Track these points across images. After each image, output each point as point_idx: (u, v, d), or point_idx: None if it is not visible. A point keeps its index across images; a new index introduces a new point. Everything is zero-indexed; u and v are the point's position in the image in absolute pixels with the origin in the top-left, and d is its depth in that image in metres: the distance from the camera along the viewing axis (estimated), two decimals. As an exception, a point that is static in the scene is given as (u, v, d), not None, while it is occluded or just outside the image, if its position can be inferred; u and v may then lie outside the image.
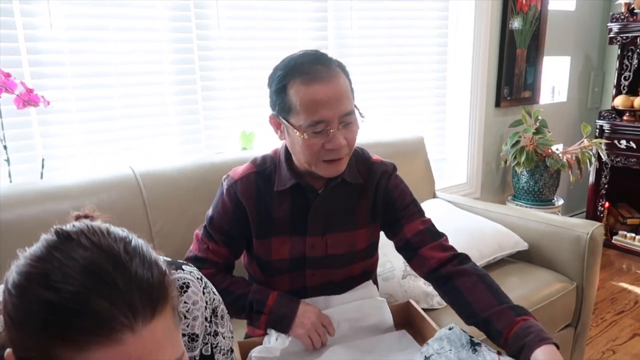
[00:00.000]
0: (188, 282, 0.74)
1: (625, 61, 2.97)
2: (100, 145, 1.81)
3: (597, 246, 1.60)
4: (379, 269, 1.38)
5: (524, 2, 2.67)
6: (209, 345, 0.77)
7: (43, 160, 1.52)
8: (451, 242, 1.11)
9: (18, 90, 1.44)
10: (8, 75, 1.42)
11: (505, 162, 2.75)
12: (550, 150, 2.61)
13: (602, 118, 2.99)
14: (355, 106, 1.02)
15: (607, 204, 3.10)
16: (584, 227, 1.61)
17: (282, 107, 0.99)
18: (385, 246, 1.25)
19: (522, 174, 2.68)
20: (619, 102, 2.96)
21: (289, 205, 1.08)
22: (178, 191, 1.39)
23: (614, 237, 3.10)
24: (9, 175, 1.48)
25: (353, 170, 1.11)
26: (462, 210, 1.87)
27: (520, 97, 2.83)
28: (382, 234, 1.20)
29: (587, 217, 3.14)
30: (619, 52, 2.97)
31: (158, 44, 1.86)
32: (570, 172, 2.60)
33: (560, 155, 2.62)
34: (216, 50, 1.98)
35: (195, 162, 1.51)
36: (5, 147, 1.47)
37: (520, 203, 2.72)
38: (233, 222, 1.09)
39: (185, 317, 0.72)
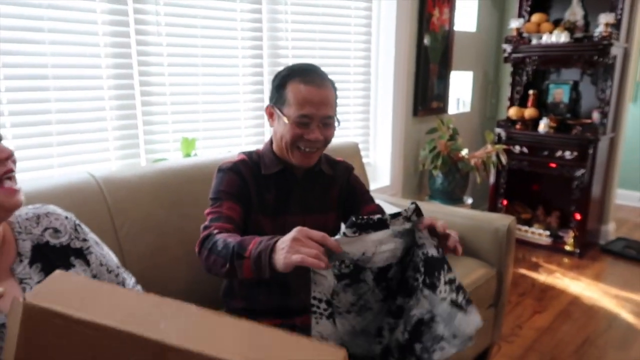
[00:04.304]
0: (46, 205, 1.01)
1: (517, 77, 3.43)
2: (34, 150, 1.73)
3: (512, 236, 1.87)
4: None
5: (435, 22, 2.98)
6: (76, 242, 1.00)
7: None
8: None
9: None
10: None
11: (423, 165, 3.03)
12: (460, 155, 2.92)
13: (499, 126, 3.41)
14: (337, 117, 1.22)
15: (505, 202, 3.53)
16: (502, 221, 1.87)
17: (278, 98, 1.20)
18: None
19: (438, 176, 2.97)
20: (512, 112, 3.39)
21: (274, 188, 1.24)
22: (141, 196, 1.39)
23: (511, 231, 3.53)
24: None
25: (325, 165, 1.32)
26: (397, 209, 2.05)
27: (432, 107, 3.13)
28: None
29: (488, 214, 3.56)
30: (512, 69, 3.42)
31: (95, 48, 1.82)
32: (477, 174, 2.94)
33: (468, 159, 2.95)
34: (155, 55, 1.98)
35: (154, 168, 1.52)
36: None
37: (436, 202, 3.01)
38: (242, 189, 1.21)
39: (47, 216, 0.99)
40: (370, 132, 2.91)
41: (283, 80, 1.19)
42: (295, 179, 1.27)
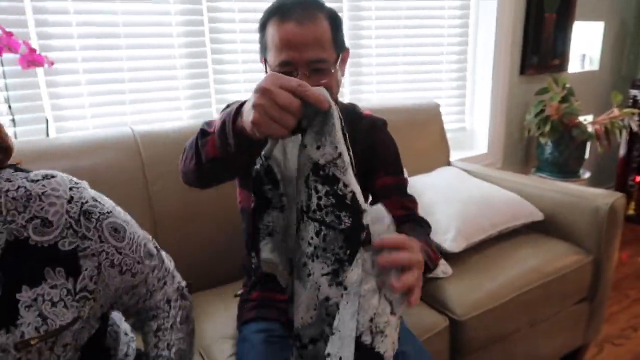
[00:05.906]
0: (55, 174, 0.73)
1: (665, 26, 2.78)
2: (108, 107, 1.81)
3: (617, 218, 1.51)
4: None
5: (554, -39, 2.50)
6: (67, 241, 0.71)
7: (47, 120, 1.52)
8: (459, 210, 1.04)
9: (21, 50, 1.43)
10: (10, 34, 1.41)
11: (529, 132, 2.63)
12: (576, 120, 2.47)
13: (635, 87, 2.82)
14: (337, 59, 0.97)
15: (638, 178, 2.95)
16: (605, 198, 1.52)
17: (262, 45, 1.00)
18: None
19: (547, 144, 2.56)
20: (656, 70, 2.78)
21: None
22: (178, 151, 1.36)
23: (644, 213, 2.95)
24: (15, 136, 1.49)
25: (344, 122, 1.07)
26: (475, 178, 1.79)
27: (548, 64, 2.68)
28: None
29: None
30: (659, 16, 2.78)
31: (166, 5, 1.82)
32: (598, 143, 2.47)
33: (588, 125, 2.48)
34: (226, 12, 1.94)
35: (197, 124, 1.48)
36: (10, 107, 1.48)
37: (544, 175, 2.61)
38: None
39: (40, 199, 0.69)
40: (467, 93, 2.59)
41: (263, 20, 0.98)
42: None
